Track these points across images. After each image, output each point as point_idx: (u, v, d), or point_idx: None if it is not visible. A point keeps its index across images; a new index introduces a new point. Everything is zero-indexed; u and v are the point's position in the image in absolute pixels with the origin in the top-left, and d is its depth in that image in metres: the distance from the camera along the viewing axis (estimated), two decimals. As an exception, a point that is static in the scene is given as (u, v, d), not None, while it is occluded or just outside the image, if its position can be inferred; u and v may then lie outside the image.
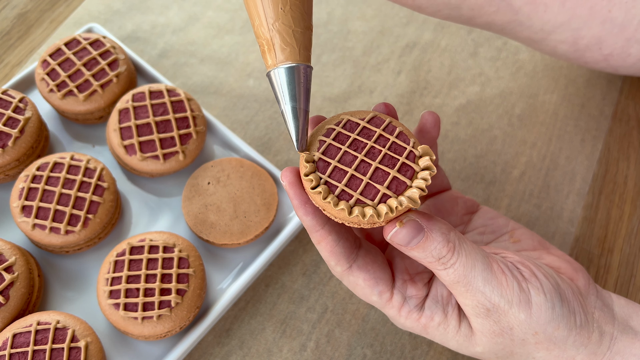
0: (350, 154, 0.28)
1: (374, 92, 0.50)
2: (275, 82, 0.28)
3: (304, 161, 0.27)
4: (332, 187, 0.27)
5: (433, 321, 0.31)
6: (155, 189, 0.44)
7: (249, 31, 0.53)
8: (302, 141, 0.28)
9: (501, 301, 0.28)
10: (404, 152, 0.28)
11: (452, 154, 0.48)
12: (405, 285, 0.31)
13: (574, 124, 0.49)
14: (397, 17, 0.54)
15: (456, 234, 0.29)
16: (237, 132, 0.48)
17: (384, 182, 0.27)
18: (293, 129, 0.27)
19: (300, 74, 0.27)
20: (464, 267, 0.28)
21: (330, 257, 0.30)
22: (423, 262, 0.28)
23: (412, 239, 0.28)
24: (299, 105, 0.27)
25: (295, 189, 0.28)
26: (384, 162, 0.28)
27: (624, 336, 0.31)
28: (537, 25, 0.39)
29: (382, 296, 0.31)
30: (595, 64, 0.42)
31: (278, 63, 0.28)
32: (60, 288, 0.40)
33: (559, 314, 0.29)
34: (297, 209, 0.29)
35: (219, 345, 0.40)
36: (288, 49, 0.28)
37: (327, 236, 0.29)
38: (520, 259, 0.30)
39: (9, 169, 0.42)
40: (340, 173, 0.27)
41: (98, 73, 0.44)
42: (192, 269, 0.38)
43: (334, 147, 0.28)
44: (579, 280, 0.32)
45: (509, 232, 0.36)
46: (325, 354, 0.39)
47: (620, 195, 0.46)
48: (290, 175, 0.28)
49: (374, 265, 0.31)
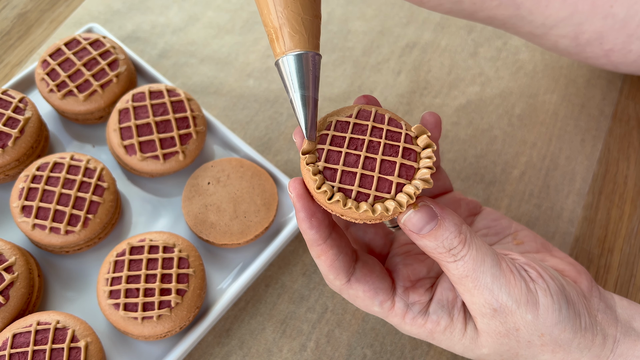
0: (351, 154, 0.27)
1: (374, 92, 0.50)
2: (284, 70, 0.27)
3: (312, 174, 0.27)
4: (347, 192, 0.27)
5: (439, 326, 0.30)
6: (155, 189, 0.44)
7: (249, 31, 0.53)
8: (312, 130, 0.27)
9: (509, 300, 0.28)
10: (400, 136, 0.28)
11: (452, 154, 0.48)
12: (407, 293, 0.31)
13: (574, 124, 0.49)
14: (397, 17, 0.54)
15: (467, 227, 0.28)
16: (237, 132, 0.48)
17: (393, 172, 0.27)
18: (302, 117, 0.27)
19: (309, 61, 0.27)
20: (474, 261, 0.28)
21: (329, 271, 0.30)
22: (433, 253, 0.28)
23: (425, 224, 0.27)
24: (308, 93, 0.27)
25: (303, 202, 0.28)
26: (386, 153, 0.27)
27: (627, 338, 0.31)
28: (538, 20, 0.39)
29: (383, 305, 0.31)
30: (596, 60, 0.42)
31: (287, 51, 0.27)
32: (60, 288, 0.40)
33: (565, 316, 0.29)
34: (302, 221, 0.28)
35: (219, 345, 0.40)
36: (297, 36, 0.27)
37: (328, 250, 0.29)
38: (527, 260, 0.30)
39: (9, 169, 0.42)
40: (349, 176, 0.27)
41: (98, 73, 0.44)
42: (192, 269, 0.38)
43: (334, 152, 0.27)
44: (582, 283, 0.32)
45: (512, 234, 0.36)
46: (325, 354, 0.39)
47: (620, 195, 0.46)
48: (298, 187, 0.28)
49: (372, 276, 0.30)
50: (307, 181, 0.27)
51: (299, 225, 0.29)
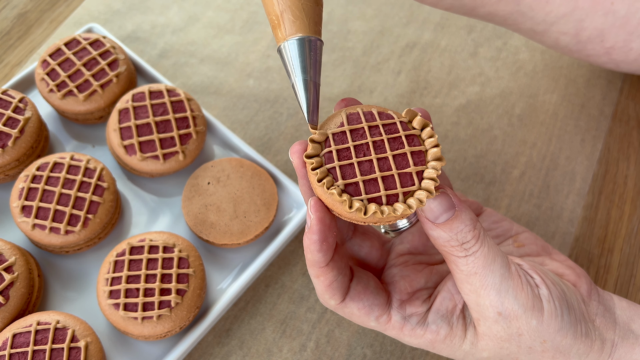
0: (363, 162, 0.27)
1: (374, 92, 0.50)
2: (286, 55, 0.27)
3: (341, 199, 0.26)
4: (377, 199, 0.26)
5: (439, 335, 0.30)
6: (155, 189, 0.44)
7: (249, 31, 0.53)
8: (314, 114, 0.27)
9: (515, 304, 0.28)
10: (397, 126, 0.27)
11: (452, 154, 0.48)
12: (404, 305, 0.31)
13: (574, 124, 0.49)
14: (397, 17, 0.54)
15: (481, 225, 0.28)
16: (237, 132, 0.48)
17: (408, 163, 0.27)
18: (304, 101, 0.27)
19: (310, 46, 0.27)
20: (485, 258, 0.27)
21: (325, 291, 0.29)
22: (445, 245, 0.28)
23: (443, 212, 0.27)
24: (309, 78, 0.27)
25: (321, 226, 0.27)
26: (393, 147, 0.27)
27: (625, 342, 0.30)
28: (539, 16, 0.39)
29: (379, 320, 0.30)
30: (597, 58, 0.42)
31: (288, 36, 0.27)
32: (60, 288, 0.40)
33: (567, 322, 0.29)
34: (313, 243, 0.27)
35: (219, 345, 0.40)
36: (298, 21, 0.27)
37: (329, 272, 0.29)
38: (530, 265, 0.30)
39: (9, 169, 0.41)
40: (372, 184, 0.26)
41: (98, 73, 0.44)
42: (192, 269, 0.38)
43: (346, 167, 0.27)
44: (582, 287, 0.32)
45: (513, 237, 0.36)
46: (325, 354, 0.39)
47: (620, 195, 0.46)
48: (320, 210, 0.27)
49: (366, 293, 0.30)
50: (330, 203, 0.26)
51: (306, 245, 0.28)
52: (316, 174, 0.26)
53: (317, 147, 0.27)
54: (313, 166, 0.27)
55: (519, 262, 0.30)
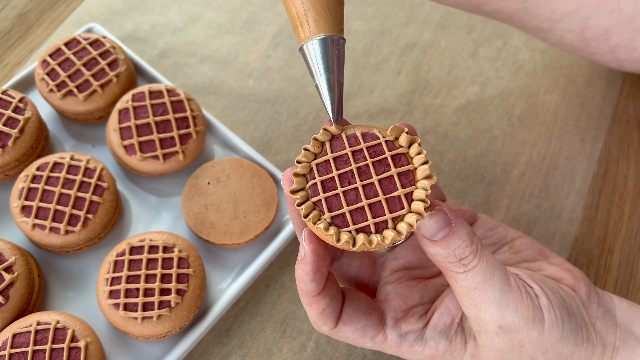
0: (349, 191, 0.26)
1: (374, 92, 0.50)
2: (309, 55, 0.27)
3: (327, 233, 0.25)
4: (366, 229, 0.26)
5: (438, 350, 0.30)
6: (155, 189, 0.44)
7: (249, 31, 0.53)
8: (339, 113, 0.27)
9: (516, 317, 0.28)
10: (382, 147, 0.27)
11: (452, 154, 0.48)
12: (399, 324, 0.30)
13: (574, 124, 0.49)
14: (397, 17, 0.54)
15: (478, 238, 0.28)
16: (237, 132, 0.48)
17: (395, 186, 0.26)
18: (329, 101, 0.26)
19: (334, 45, 0.27)
20: (484, 273, 0.27)
21: (318, 319, 0.29)
22: (443, 262, 0.27)
23: (439, 230, 0.26)
24: (333, 77, 0.27)
25: (315, 257, 0.27)
26: (379, 171, 0.26)
27: (626, 345, 0.30)
28: (545, 14, 0.39)
29: (375, 340, 0.30)
30: (601, 56, 0.42)
31: (312, 35, 0.27)
32: (60, 288, 0.40)
33: (568, 330, 0.29)
34: (306, 274, 0.27)
35: (219, 345, 0.40)
36: (322, 20, 0.27)
37: (321, 300, 0.28)
38: (528, 275, 0.30)
39: (8, 169, 0.42)
40: (358, 213, 0.26)
41: (98, 73, 0.44)
42: (192, 269, 0.38)
43: (332, 198, 0.26)
44: (581, 290, 0.32)
45: (509, 243, 0.35)
46: (325, 354, 0.39)
47: (620, 195, 0.46)
48: (315, 242, 0.27)
49: (358, 315, 0.30)
50: (321, 236, 0.26)
51: (299, 275, 0.28)
52: (302, 210, 0.26)
53: (302, 180, 0.27)
54: (298, 202, 0.26)
55: (517, 272, 0.30)
